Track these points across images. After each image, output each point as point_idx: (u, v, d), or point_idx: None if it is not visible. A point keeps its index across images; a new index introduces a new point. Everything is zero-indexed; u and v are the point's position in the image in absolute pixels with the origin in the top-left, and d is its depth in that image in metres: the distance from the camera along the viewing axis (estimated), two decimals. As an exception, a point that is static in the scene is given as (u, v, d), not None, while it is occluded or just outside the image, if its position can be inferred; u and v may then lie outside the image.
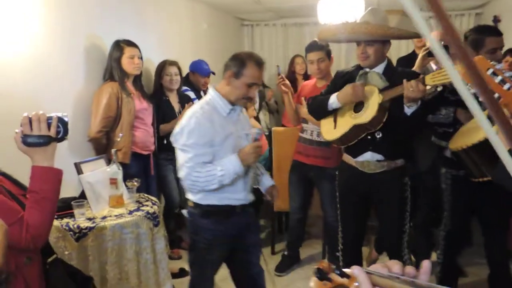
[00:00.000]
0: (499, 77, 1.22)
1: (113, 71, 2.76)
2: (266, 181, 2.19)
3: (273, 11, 5.18)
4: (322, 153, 2.87)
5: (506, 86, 1.21)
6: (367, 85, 2.18)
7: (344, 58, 5.39)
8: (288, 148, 3.14)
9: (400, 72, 2.23)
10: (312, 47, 2.83)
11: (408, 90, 1.95)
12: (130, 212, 2.18)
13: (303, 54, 4.64)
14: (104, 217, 2.11)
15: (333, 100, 2.28)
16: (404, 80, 1.99)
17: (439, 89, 1.89)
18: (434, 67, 2.97)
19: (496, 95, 1.22)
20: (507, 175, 1.14)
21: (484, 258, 2.55)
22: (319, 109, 2.41)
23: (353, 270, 0.67)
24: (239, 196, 1.98)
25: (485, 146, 1.35)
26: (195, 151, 1.82)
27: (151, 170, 2.98)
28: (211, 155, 1.86)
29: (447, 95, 2.34)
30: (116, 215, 2.14)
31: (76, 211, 2.08)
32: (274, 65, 5.59)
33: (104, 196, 2.24)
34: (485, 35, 2.27)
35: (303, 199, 3.08)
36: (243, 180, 1.97)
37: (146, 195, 2.53)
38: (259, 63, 1.91)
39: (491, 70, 1.23)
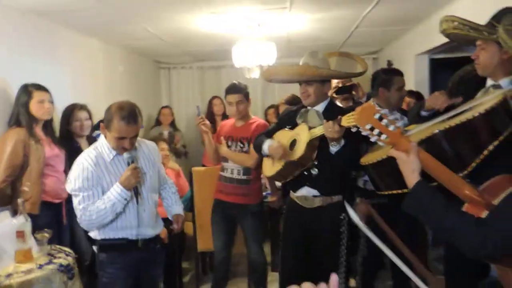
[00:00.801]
0: (385, 120, 1.40)
1: (19, 116, 2.59)
2: (174, 210, 2.36)
3: (191, 55, 5.32)
4: (242, 191, 2.93)
5: (391, 128, 1.40)
6: (306, 123, 2.31)
7: (260, 97, 5.66)
8: (209, 188, 3.16)
9: (340, 110, 2.32)
10: (231, 89, 2.94)
11: (326, 129, 2.08)
12: (40, 266, 2.00)
13: (220, 95, 4.83)
14: (9, 275, 1.90)
15: (265, 148, 2.45)
16: (324, 120, 2.14)
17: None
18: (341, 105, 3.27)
19: (384, 136, 1.40)
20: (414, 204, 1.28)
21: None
22: (257, 148, 2.57)
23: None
24: (134, 231, 2.06)
25: (388, 162, 1.51)
26: (82, 193, 1.95)
27: (63, 219, 2.78)
28: (101, 194, 1.99)
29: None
30: (23, 271, 1.94)
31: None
32: (191, 107, 5.69)
33: (9, 252, 2.03)
34: (392, 75, 2.75)
35: (226, 238, 3.08)
36: (135, 214, 2.05)
37: (58, 246, 2.34)
38: (126, 118, 1.94)
39: (377, 115, 1.40)
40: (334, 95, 3.39)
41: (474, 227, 1.20)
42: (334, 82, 3.64)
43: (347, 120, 2.01)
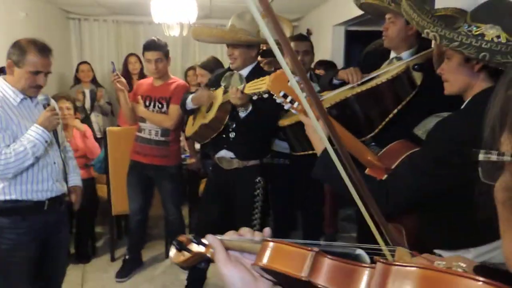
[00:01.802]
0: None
1: None
2: (72, 180, 2.18)
3: (104, 6, 4.90)
4: (161, 152, 2.87)
5: (305, 95, 1.43)
6: (228, 86, 2.28)
7: (180, 57, 5.47)
8: (125, 149, 3.03)
9: (265, 75, 2.34)
10: (150, 46, 2.79)
11: (230, 95, 2.09)
12: None
13: (137, 52, 4.56)
14: None
15: (188, 101, 2.42)
16: (233, 86, 2.14)
17: (265, 96, 2.03)
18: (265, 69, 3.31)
19: (296, 103, 1.43)
20: (323, 171, 1.35)
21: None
22: (182, 107, 2.53)
23: (207, 238, 0.71)
24: (44, 186, 1.90)
25: (302, 125, 1.57)
26: None
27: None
28: (12, 138, 1.79)
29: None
30: None
31: None
32: (106, 63, 5.30)
33: None
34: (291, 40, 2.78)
35: (143, 200, 3.02)
36: (46, 167, 1.91)
37: None
38: (42, 49, 1.83)
39: (290, 82, 1.44)
40: (259, 58, 3.41)
41: (376, 188, 1.30)
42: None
43: (250, 88, 2.01)
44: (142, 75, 4.20)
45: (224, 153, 2.40)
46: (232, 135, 2.34)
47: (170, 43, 3.23)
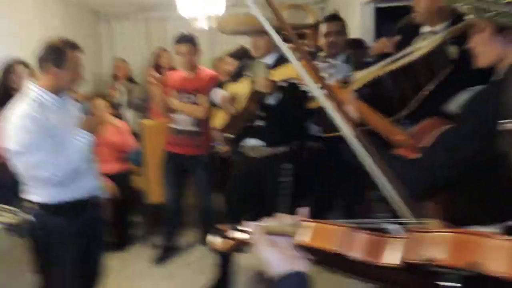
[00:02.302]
0: (323, 73, 1.40)
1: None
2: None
3: (133, 4, 5.00)
4: (193, 142, 2.92)
5: (329, 80, 1.40)
6: (253, 75, 2.28)
7: (208, 49, 5.49)
8: (159, 140, 3.11)
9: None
10: (181, 39, 2.84)
11: (260, 83, 2.07)
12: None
13: (166, 47, 4.62)
14: None
15: (216, 98, 2.46)
16: (258, 75, 2.14)
17: (293, 81, 1.99)
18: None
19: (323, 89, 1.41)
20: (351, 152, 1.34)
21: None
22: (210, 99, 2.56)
23: (247, 224, 0.76)
24: (87, 184, 1.95)
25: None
26: (44, 145, 1.73)
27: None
28: (59, 146, 1.80)
29: None
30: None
31: None
32: (138, 61, 5.41)
33: None
34: (321, 22, 2.67)
35: (178, 189, 3.09)
36: (90, 166, 1.97)
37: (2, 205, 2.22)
38: (74, 46, 1.85)
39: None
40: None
41: (409, 166, 1.28)
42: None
43: (278, 74, 2.00)
44: (172, 70, 4.26)
45: (252, 142, 2.40)
46: (259, 123, 2.35)
47: (199, 35, 3.25)
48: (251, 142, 2.41)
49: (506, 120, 1.03)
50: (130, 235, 3.51)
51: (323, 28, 2.61)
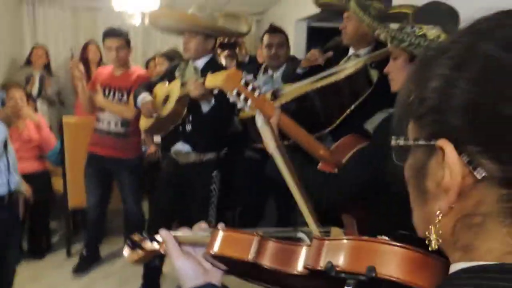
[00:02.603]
0: (250, 86, 1.45)
1: None
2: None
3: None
4: (120, 144, 2.80)
5: (256, 93, 1.45)
6: (183, 78, 2.25)
7: (141, 47, 5.33)
8: (82, 140, 2.94)
9: (220, 68, 2.28)
10: (111, 33, 2.71)
11: (189, 87, 2.04)
12: None
13: (96, 40, 4.40)
14: None
15: (138, 101, 2.37)
16: (190, 78, 2.12)
17: None
18: (223, 62, 3.29)
19: (250, 101, 1.44)
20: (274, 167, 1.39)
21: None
22: (134, 100, 2.45)
23: (160, 233, 0.73)
24: (2, 179, 1.84)
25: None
26: None
27: None
28: None
29: None
30: None
31: None
32: (61, 51, 5.07)
33: None
34: (264, 33, 2.78)
35: (101, 193, 2.94)
36: (4, 159, 1.85)
37: None
38: None
39: (243, 81, 1.44)
40: (218, 50, 3.39)
41: (327, 181, 1.37)
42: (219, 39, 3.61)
43: (211, 81, 1.96)
44: (100, 65, 4.06)
45: (180, 146, 2.37)
46: (188, 127, 2.32)
47: (131, 32, 3.15)
48: (179, 147, 2.37)
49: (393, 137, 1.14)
50: (48, 242, 3.28)
51: (265, 39, 2.67)
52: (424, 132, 0.41)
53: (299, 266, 0.54)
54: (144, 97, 2.35)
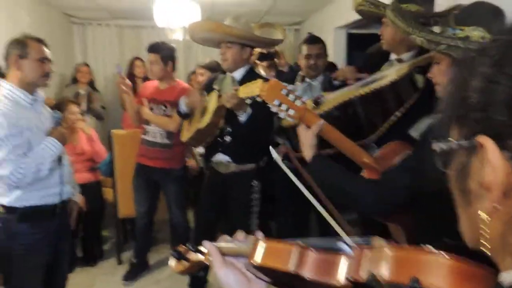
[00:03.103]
0: (292, 96, 1.46)
1: None
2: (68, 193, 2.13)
3: (107, 11, 4.95)
4: (165, 155, 2.90)
5: (297, 103, 1.47)
6: (220, 89, 2.30)
7: (182, 61, 5.49)
8: (130, 152, 3.07)
9: (259, 78, 2.26)
10: (149, 48, 2.84)
11: (225, 99, 2.08)
12: None
13: (142, 56, 4.60)
14: None
15: (181, 103, 2.46)
16: (226, 89, 2.16)
17: (258, 99, 1.88)
18: (262, 73, 3.32)
19: (292, 111, 1.46)
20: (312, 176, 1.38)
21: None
22: (177, 111, 2.56)
23: (204, 244, 0.75)
24: (56, 189, 1.93)
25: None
26: (13, 142, 1.72)
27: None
28: (26, 145, 1.79)
29: None
30: None
31: None
32: (108, 68, 5.34)
33: None
34: (301, 44, 2.75)
35: (149, 203, 3.05)
36: (58, 171, 1.93)
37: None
38: (40, 40, 1.89)
39: (284, 91, 1.45)
40: (257, 61, 3.44)
41: (369, 188, 1.33)
42: (258, 50, 3.64)
43: (244, 91, 2.00)
44: (147, 80, 4.23)
45: (220, 157, 2.41)
46: (227, 139, 2.35)
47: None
48: (219, 158, 2.42)
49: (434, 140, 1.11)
50: (100, 250, 3.43)
51: (304, 49, 2.68)
52: (465, 132, 0.40)
53: (340, 278, 0.53)
54: (186, 98, 2.45)
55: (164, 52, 2.83)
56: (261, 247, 0.63)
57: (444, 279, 0.42)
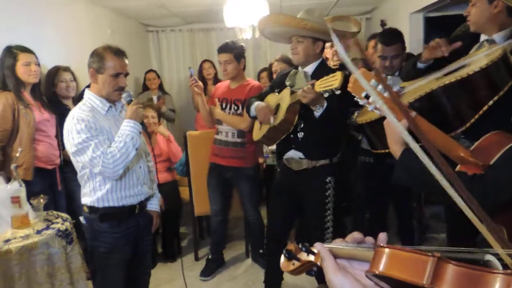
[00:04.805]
0: (380, 86, 1.35)
1: (6, 80, 2.50)
2: (152, 205, 2.19)
3: (179, 16, 5.15)
4: (237, 154, 2.92)
5: (386, 94, 1.35)
6: (293, 85, 2.26)
7: (252, 60, 5.53)
8: (204, 151, 3.14)
9: (331, 72, 2.19)
10: (220, 49, 2.87)
11: (301, 94, 2.03)
12: (38, 232, 2.00)
13: (210, 58, 4.72)
14: (7, 240, 1.90)
15: (252, 109, 2.45)
16: (299, 85, 2.09)
17: (337, 92, 1.90)
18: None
19: (380, 103, 1.33)
20: (404, 173, 1.27)
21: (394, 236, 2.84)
22: (247, 111, 2.56)
23: (315, 246, 0.71)
24: (134, 190, 1.99)
25: (383, 120, 1.49)
26: (93, 141, 1.81)
27: (58, 186, 2.76)
28: (107, 141, 1.86)
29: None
30: (21, 236, 1.94)
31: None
32: (182, 71, 5.56)
33: (5, 218, 2.02)
34: (377, 40, 2.60)
35: (223, 201, 3.11)
36: (135, 173, 2.00)
37: (55, 212, 2.34)
38: (118, 52, 1.93)
39: (373, 81, 1.34)
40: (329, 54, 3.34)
41: (469, 184, 1.19)
42: (329, 52, 3.49)
43: (321, 85, 1.94)
44: (217, 80, 4.33)
45: (292, 154, 2.36)
46: (300, 134, 2.30)
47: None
48: (291, 154, 2.37)
49: None
50: (178, 246, 3.57)
51: (379, 49, 2.53)
52: None
53: None
54: (258, 104, 2.41)
55: (236, 51, 2.85)
56: (386, 254, 0.56)
57: None
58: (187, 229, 3.88)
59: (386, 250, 0.56)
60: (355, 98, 1.41)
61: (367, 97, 1.37)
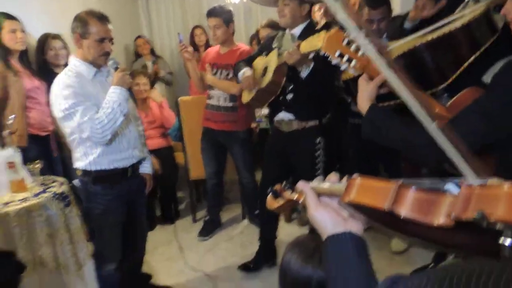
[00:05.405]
0: (354, 46, 1.35)
1: (-8, 48, 2.50)
2: (144, 168, 2.25)
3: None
4: (229, 118, 2.96)
5: (360, 53, 1.36)
6: (280, 47, 2.27)
7: (243, 24, 5.46)
8: (197, 116, 3.18)
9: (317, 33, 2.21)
10: (209, 13, 2.85)
11: (287, 56, 2.04)
12: (36, 195, 2.06)
13: (202, 24, 4.64)
14: (6, 203, 1.97)
15: (239, 76, 2.47)
16: (286, 46, 2.08)
17: (322, 53, 1.95)
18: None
19: (354, 61, 1.36)
20: (371, 127, 1.29)
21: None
22: (235, 75, 2.58)
23: (298, 184, 0.76)
24: (126, 154, 2.04)
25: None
26: (80, 107, 1.82)
27: (52, 152, 2.80)
28: (95, 107, 1.88)
29: None
30: (20, 200, 2.00)
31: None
32: (173, 37, 5.48)
33: (2, 182, 2.08)
34: (364, 4, 2.53)
35: (217, 164, 3.17)
36: (125, 137, 2.03)
37: (51, 176, 2.39)
38: (101, 18, 1.91)
39: (345, 40, 1.35)
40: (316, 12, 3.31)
41: None
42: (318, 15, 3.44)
43: (306, 46, 1.94)
44: (208, 46, 4.28)
45: (283, 115, 2.40)
46: (290, 96, 2.33)
47: (234, 11, 3.24)
48: (282, 116, 2.41)
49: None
50: (176, 210, 3.67)
51: (365, 13, 2.50)
52: None
53: (440, 217, 0.49)
54: (244, 71, 2.43)
55: (225, 15, 2.83)
56: (356, 184, 0.60)
57: None
58: (184, 193, 3.97)
59: (358, 180, 0.60)
60: (328, 59, 1.40)
61: (341, 55, 1.38)
